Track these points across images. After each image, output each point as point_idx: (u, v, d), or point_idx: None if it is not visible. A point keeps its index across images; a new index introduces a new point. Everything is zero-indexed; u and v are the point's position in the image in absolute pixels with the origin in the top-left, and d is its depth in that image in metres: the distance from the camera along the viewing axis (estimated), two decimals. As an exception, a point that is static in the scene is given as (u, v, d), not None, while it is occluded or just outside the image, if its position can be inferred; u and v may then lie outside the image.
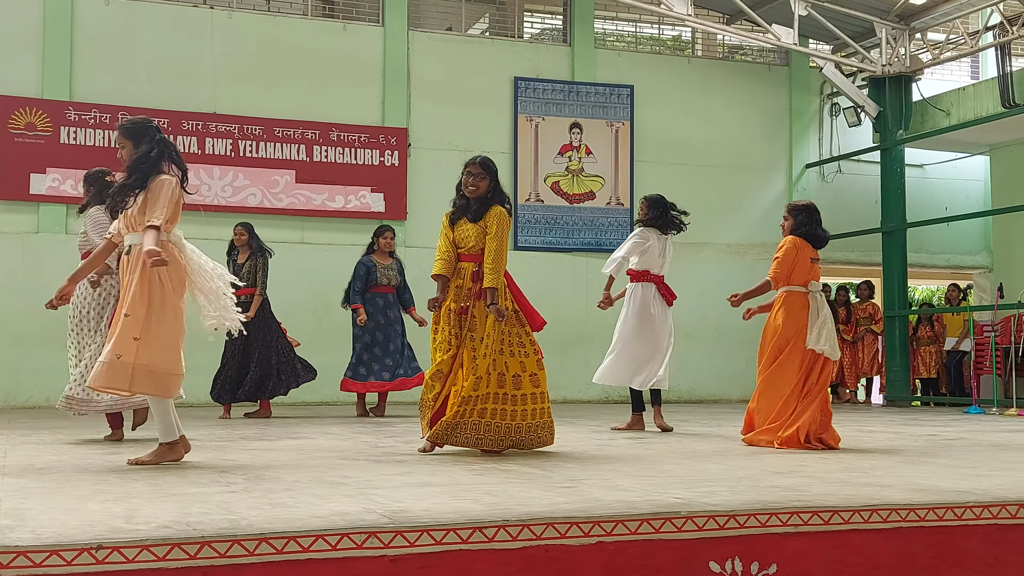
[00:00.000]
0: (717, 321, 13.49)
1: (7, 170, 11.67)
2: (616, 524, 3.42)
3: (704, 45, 15.48)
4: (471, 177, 5.89)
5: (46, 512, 3.41)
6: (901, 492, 4.14)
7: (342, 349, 10.33)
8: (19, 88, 11.84)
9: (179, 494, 3.92)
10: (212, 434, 7.34)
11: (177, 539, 2.94)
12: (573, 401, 13.43)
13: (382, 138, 13.05)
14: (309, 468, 4.98)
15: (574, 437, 7.30)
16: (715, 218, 14.42)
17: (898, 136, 14.07)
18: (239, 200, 12.41)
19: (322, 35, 13.10)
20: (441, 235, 5.98)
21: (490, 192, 5.90)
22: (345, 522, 3.22)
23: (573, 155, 13.95)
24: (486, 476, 4.65)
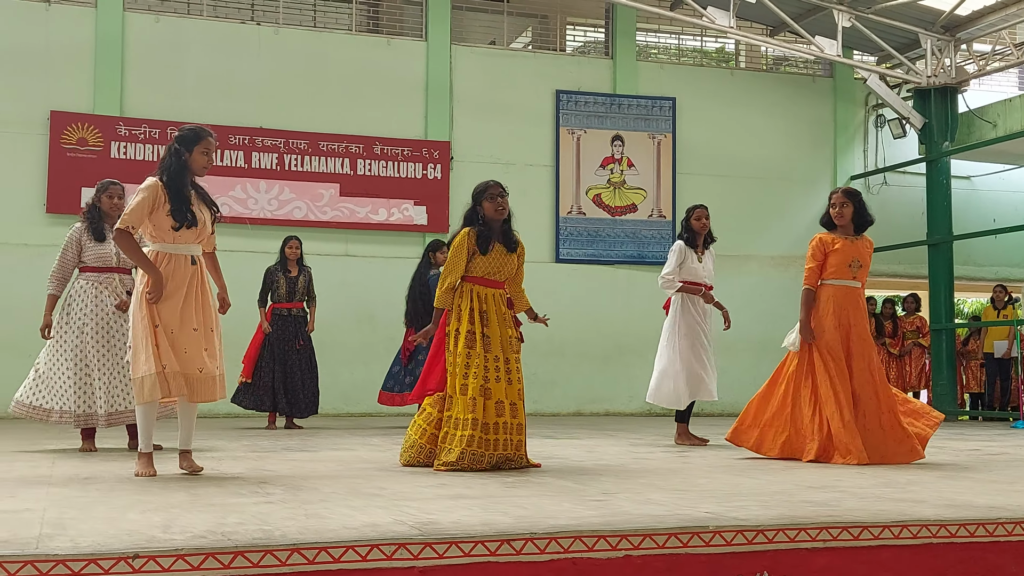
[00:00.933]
0: (760, 334, 13.41)
1: (60, 184, 11.93)
2: (644, 538, 3.45)
3: (747, 57, 15.45)
4: (499, 199, 5.78)
5: (86, 521, 3.51)
6: (934, 508, 4.12)
7: (385, 361, 10.41)
8: (72, 104, 12.11)
9: (217, 504, 4.01)
10: (255, 445, 7.46)
11: (211, 548, 3.02)
12: (615, 413, 13.42)
13: (425, 152, 13.17)
14: (346, 479, 5.05)
15: (613, 450, 7.32)
16: (758, 230, 14.38)
17: (944, 148, 13.95)
18: (285, 213, 12.58)
19: (366, 50, 13.26)
20: (458, 258, 5.71)
21: (509, 212, 5.89)
22: (376, 533, 3.28)
23: (615, 167, 13.98)
24: (519, 488, 4.70)
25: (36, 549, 2.94)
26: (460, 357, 5.60)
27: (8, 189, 11.84)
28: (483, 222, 5.79)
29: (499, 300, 5.78)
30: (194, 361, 5.03)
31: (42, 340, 6.84)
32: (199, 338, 5.07)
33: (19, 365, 11.52)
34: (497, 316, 5.72)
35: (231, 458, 6.27)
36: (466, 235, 5.74)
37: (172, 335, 5.00)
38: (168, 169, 5.09)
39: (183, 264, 5.08)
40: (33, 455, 6.43)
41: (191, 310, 5.06)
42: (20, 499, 4.17)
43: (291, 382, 9.64)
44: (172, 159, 5.09)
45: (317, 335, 10.02)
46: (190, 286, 5.08)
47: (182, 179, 5.09)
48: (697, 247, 8.13)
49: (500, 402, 5.57)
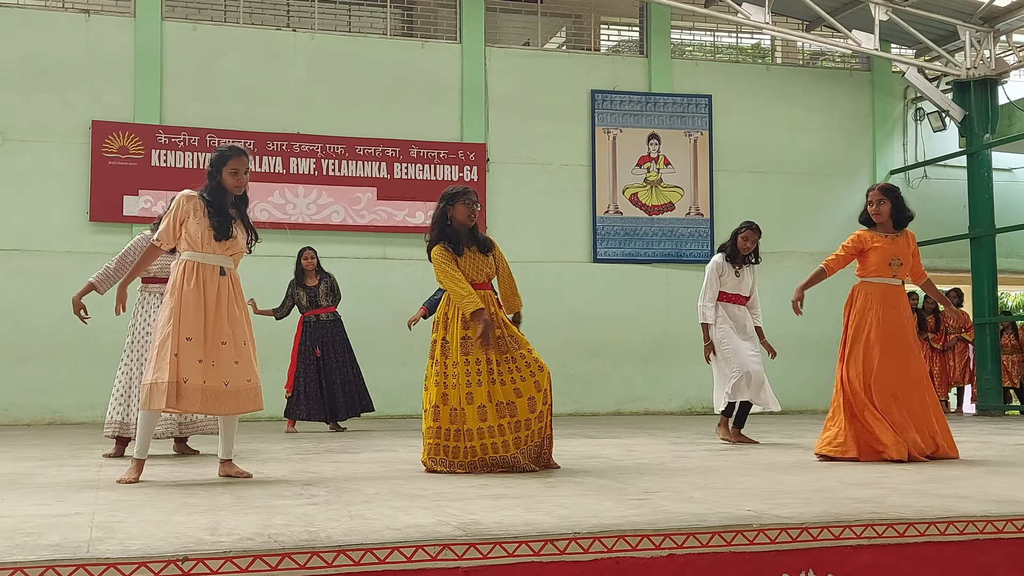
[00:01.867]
0: (802, 331, 13.32)
1: (102, 193, 12.09)
2: (687, 537, 3.45)
3: (784, 52, 15.37)
4: (473, 205, 5.77)
5: (135, 525, 3.56)
6: (979, 503, 4.09)
7: (424, 363, 10.41)
8: (112, 113, 12.27)
9: (262, 507, 4.05)
10: (298, 447, 7.52)
11: (259, 551, 3.06)
12: (656, 412, 13.40)
13: (461, 154, 13.21)
14: (388, 480, 5.09)
15: (653, 449, 7.32)
16: (797, 226, 14.29)
17: (985, 140, 13.79)
18: (323, 218, 12.67)
19: (401, 54, 13.32)
20: (451, 267, 5.63)
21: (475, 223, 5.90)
22: (420, 534, 3.31)
23: (651, 166, 13.95)
24: (560, 488, 4.71)
25: (88, 553, 2.99)
26: (438, 366, 5.59)
27: (52, 198, 12.02)
28: (450, 224, 5.76)
29: (490, 302, 5.70)
30: (221, 375, 5.06)
31: (81, 346, 7.00)
32: (229, 351, 5.09)
33: (64, 371, 11.74)
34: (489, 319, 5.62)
35: (274, 460, 6.34)
36: (441, 251, 5.67)
37: (198, 346, 5.02)
38: (207, 191, 5.26)
39: (212, 274, 5.14)
40: (81, 460, 6.52)
41: (221, 322, 5.10)
42: (70, 503, 4.24)
43: (330, 387, 9.69)
44: (208, 182, 5.26)
45: (357, 339, 10.08)
46: (219, 297, 5.12)
47: (220, 200, 5.22)
48: (737, 264, 8.07)
49: (482, 406, 5.46)
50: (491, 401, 5.49)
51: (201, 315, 5.04)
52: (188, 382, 4.96)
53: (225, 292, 5.15)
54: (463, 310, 5.56)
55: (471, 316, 5.54)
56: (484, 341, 5.48)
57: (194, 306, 5.03)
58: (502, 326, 5.66)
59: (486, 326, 5.50)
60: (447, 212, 5.77)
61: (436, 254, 5.70)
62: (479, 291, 5.67)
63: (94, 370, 11.71)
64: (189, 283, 5.07)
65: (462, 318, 5.59)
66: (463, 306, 5.55)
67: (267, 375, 9.78)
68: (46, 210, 11.98)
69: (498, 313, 5.72)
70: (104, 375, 11.62)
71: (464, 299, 5.54)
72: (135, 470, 5.11)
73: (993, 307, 13.87)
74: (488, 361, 5.52)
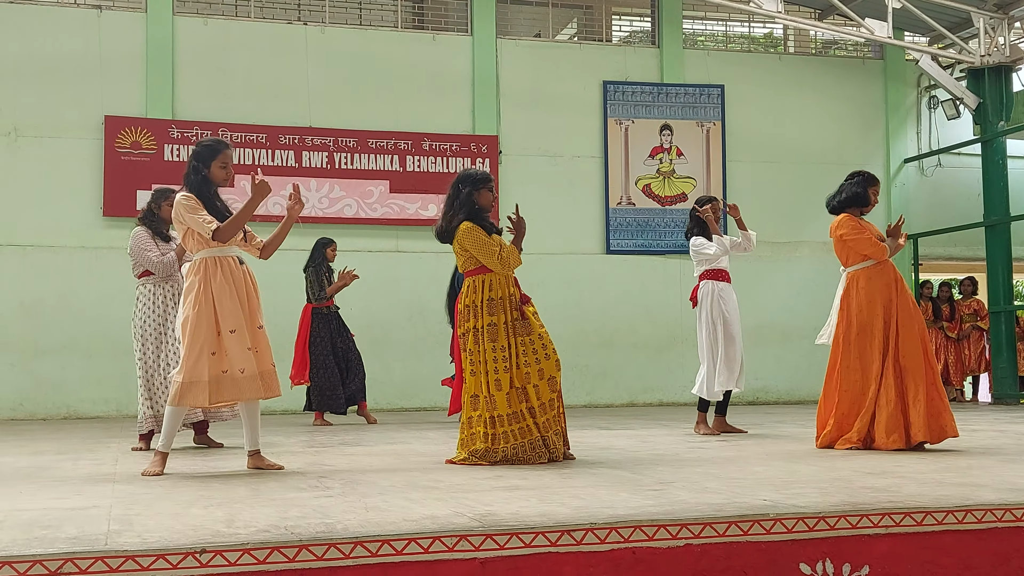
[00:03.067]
0: (815, 320, 13.26)
1: (115, 187, 12.12)
2: (704, 527, 3.45)
3: (796, 41, 15.30)
4: (490, 193, 5.81)
5: (152, 517, 3.58)
6: (996, 492, 4.07)
7: (437, 355, 10.48)
8: (125, 108, 12.28)
9: (278, 499, 4.06)
10: (312, 440, 7.54)
11: (276, 543, 3.07)
12: (669, 404, 13.38)
13: (473, 146, 13.20)
14: (403, 472, 5.10)
15: (668, 440, 7.31)
16: (811, 216, 14.20)
17: (999, 127, 13.71)
18: (335, 211, 12.68)
19: (412, 46, 13.30)
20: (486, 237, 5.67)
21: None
22: (436, 525, 3.31)
23: (664, 157, 13.92)
24: (575, 479, 4.71)
25: (106, 545, 3.00)
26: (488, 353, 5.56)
27: (65, 193, 12.05)
28: (479, 208, 5.78)
29: (505, 283, 5.69)
30: (235, 362, 5.11)
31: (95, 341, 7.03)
32: (242, 337, 5.13)
33: (79, 366, 11.79)
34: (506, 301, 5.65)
35: (289, 453, 6.35)
36: (471, 228, 5.68)
37: (243, 336, 5.11)
38: (192, 185, 5.25)
39: (233, 265, 5.21)
40: (97, 454, 6.55)
41: (254, 309, 5.22)
42: (87, 496, 4.26)
43: (342, 378, 9.72)
44: (192, 175, 5.26)
45: (370, 332, 10.11)
46: (246, 285, 5.21)
47: (207, 192, 5.25)
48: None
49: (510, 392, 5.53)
50: (514, 387, 5.54)
51: (238, 305, 5.12)
52: (228, 372, 5.06)
53: (247, 280, 5.24)
54: (515, 264, 5.67)
55: (516, 263, 5.68)
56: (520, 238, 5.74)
57: (229, 298, 5.10)
58: (519, 307, 5.68)
59: (517, 238, 5.74)
60: (473, 196, 5.76)
61: (469, 227, 5.68)
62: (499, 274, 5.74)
63: (108, 364, 11.77)
64: (216, 277, 5.11)
65: (488, 304, 5.61)
66: (514, 260, 5.66)
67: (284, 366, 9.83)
68: (59, 205, 12.01)
69: (516, 294, 5.71)
70: (118, 370, 11.71)
71: (510, 254, 5.66)
72: (159, 463, 5.13)
73: (1009, 295, 13.80)
74: (512, 346, 5.57)
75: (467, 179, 5.79)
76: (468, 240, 5.65)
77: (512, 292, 5.69)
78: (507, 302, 5.64)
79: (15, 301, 11.78)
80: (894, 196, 14.68)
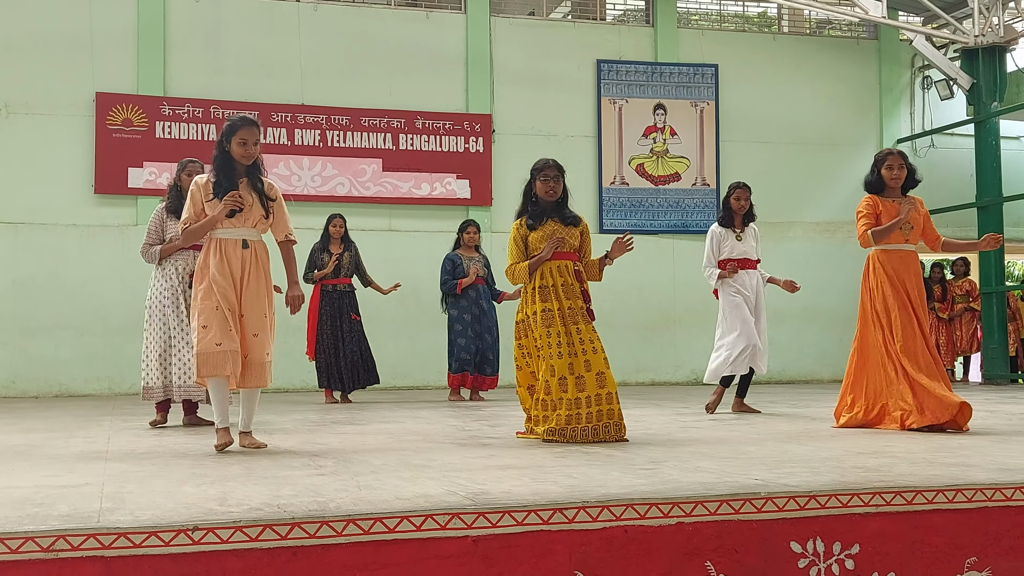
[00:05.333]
0: (807, 302, 13.32)
1: (106, 165, 12.07)
2: (695, 505, 3.46)
3: (790, 21, 15.26)
4: (551, 181, 5.83)
5: (145, 495, 3.58)
6: (987, 472, 4.09)
7: (431, 335, 10.50)
8: (116, 85, 12.23)
9: (270, 477, 4.07)
10: (305, 419, 7.54)
11: (269, 520, 3.07)
12: (661, 383, 13.42)
13: (466, 125, 13.17)
14: (396, 451, 5.10)
15: (660, 419, 7.33)
16: (804, 196, 14.26)
17: (992, 108, 13.71)
18: (328, 190, 12.65)
19: (405, 24, 13.25)
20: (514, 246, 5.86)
21: (565, 192, 5.94)
22: (429, 504, 3.32)
23: (658, 136, 13.90)
24: (567, 458, 4.72)
25: (98, 522, 3.00)
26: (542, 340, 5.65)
27: (57, 171, 12.01)
28: (535, 200, 5.89)
29: (565, 273, 5.78)
30: (242, 348, 5.16)
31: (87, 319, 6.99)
32: (249, 323, 5.18)
33: (71, 344, 11.78)
34: (562, 288, 5.73)
35: (282, 432, 6.35)
36: (519, 225, 5.87)
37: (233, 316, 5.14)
38: (214, 161, 5.31)
39: (235, 248, 5.21)
40: (89, 432, 6.54)
41: (241, 295, 5.20)
42: (79, 474, 4.25)
43: (347, 357, 9.71)
44: (216, 151, 5.30)
45: (364, 311, 10.07)
46: (243, 270, 5.20)
47: (226, 169, 5.26)
48: (735, 226, 8.01)
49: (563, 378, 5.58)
50: (572, 373, 5.60)
51: (231, 287, 5.15)
52: (223, 346, 5.08)
53: (248, 265, 5.22)
54: (521, 280, 5.81)
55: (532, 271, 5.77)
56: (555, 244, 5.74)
57: (223, 279, 5.14)
58: (574, 299, 5.75)
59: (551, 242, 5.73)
60: (532, 186, 5.91)
61: (512, 232, 5.90)
62: (556, 261, 5.79)
63: (100, 342, 11.77)
64: (214, 258, 5.18)
65: (539, 292, 5.72)
66: (520, 276, 5.79)
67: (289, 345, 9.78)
68: (51, 183, 11.97)
69: (575, 285, 5.79)
70: (110, 347, 11.72)
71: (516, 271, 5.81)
72: (224, 435, 5.20)
73: (1000, 276, 13.83)
74: (566, 333, 5.64)
75: (532, 169, 5.95)
76: (510, 237, 5.89)
77: (570, 282, 5.76)
78: (560, 290, 5.72)
79: (7, 279, 11.76)
80: (887, 176, 14.67)
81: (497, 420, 7.29)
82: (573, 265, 5.84)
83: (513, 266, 5.84)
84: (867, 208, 6.55)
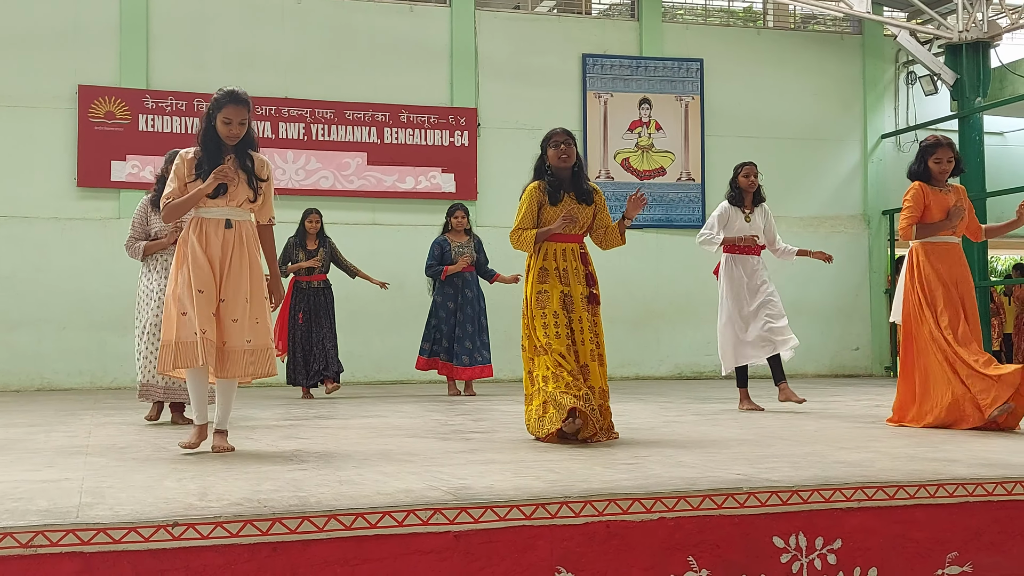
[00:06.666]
0: (793, 296, 13.32)
1: (89, 158, 12.00)
2: (678, 500, 3.46)
3: (775, 16, 15.27)
4: (562, 145, 5.59)
5: (125, 490, 3.55)
6: (968, 467, 4.10)
7: (415, 328, 10.45)
8: (98, 78, 12.14)
9: (251, 472, 4.05)
10: (288, 413, 7.52)
11: (249, 516, 3.05)
12: (645, 377, 13.43)
13: (451, 119, 13.13)
14: (378, 446, 5.09)
15: (643, 414, 7.33)
16: (788, 191, 14.25)
17: (976, 104, 13.75)
18: (312, 183, 12.60)
19: (390, 17, 13.20)
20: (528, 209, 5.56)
21: (578, 160, 5.70)
22: (410, 499, 3.31)
23: (643, 131, 13.89)
24: (550, 453, 4.71)
25: (77, 518, 2.98)
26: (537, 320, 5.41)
27: (39, 164, 11.92)
28: (551, 172, 5.64)
29: (570, 256, 5.54)
30: (220, 334, 4.77)
31: (70, 312, 6.87)
32: (227, 309, 4.79)
33: (53, 337, 11.71)
34: (564, 273, 5.49)
35: (264, 427, 6.33)
36: (535, 187, 5.61)
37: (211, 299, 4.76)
38: (199, 136, 5.01)
39: (217, 227, 4.85)
40: (70, 426, 6.50)
41: (222, 278, 4.82)
42: (59, 469, 4.23)
43: (315, 352, 9.66)
44: (203, 124, 5.00)
45: (348, 304, 10.04)
46: (224, 251, 4.83)
47: (210, 144, 4.94)
48: (745, 206, 7.91)
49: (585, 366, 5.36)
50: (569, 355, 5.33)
51: (209, 269, 4.78)
52: (207, 333, 4.69)
53: (231, 246, 4.84)
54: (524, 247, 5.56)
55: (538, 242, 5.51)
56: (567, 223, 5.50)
57: (201, 259, 4.77)
58: (581, 283, 5.52)
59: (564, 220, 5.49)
60: (544, 160, 5.68)
61: (525, 193, 5.63)
62: (565, 244, 5.54)
63: (83, 336, 11.70)
64: (193, 237, 4.82)
65: (538, 273, 5.49)
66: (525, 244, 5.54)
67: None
68: (33, 176, 11.89)
69: (579, 268, 5.55)
70: (93, 342, 11.66)
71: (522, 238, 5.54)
72: (196, 434, 4.89)
73: (984, 271, 13.89)
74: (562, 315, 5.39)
75: (542, 141, 5.73)
76: (523, 197, 5.63)
77: (574, 266, 5.53)
78: (561, 274, 5.48)
79: (-12, 272, 11.68)
80: (871, 172, 14.74)
81: (481, 415, 7.28)
82: (580, 248, 5.61)
83: (521, 231, 5.54)
84: (914, 200, 6.25)
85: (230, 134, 4.95)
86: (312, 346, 9.67)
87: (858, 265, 14.37)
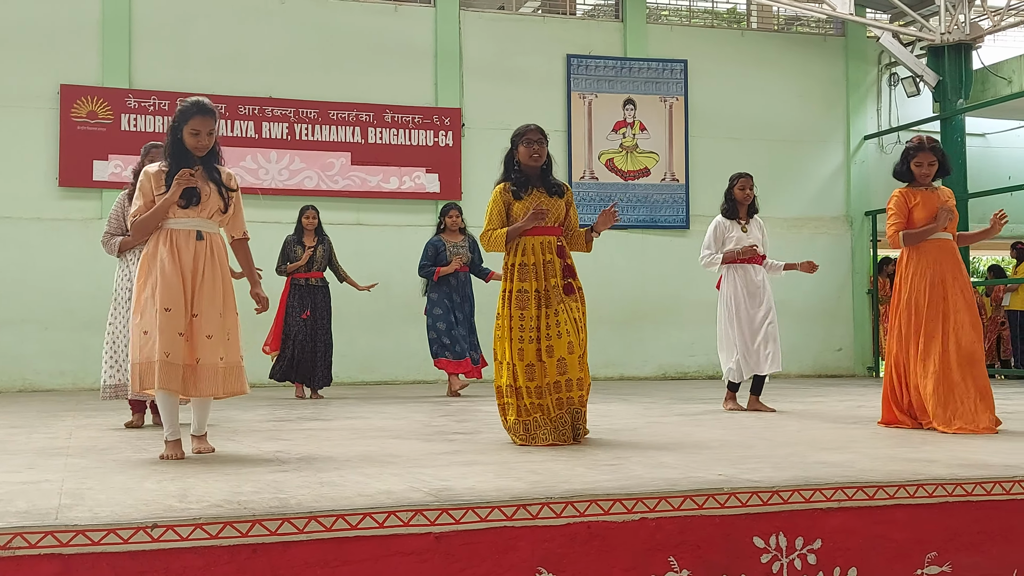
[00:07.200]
0: (776, 297, 13.34)
1: (71, 158, 11.94)
2: (659, 501, 3.46)
3: (759, 17, 15.32)
4: (535, 145, 5.49)
5: (104, 492, 3.54)
6: (948, 467, 4.12)
7: (401, 330, 10.46)
8: (80, 77, 12.09)
9: (232, 473, 4.04)
10: (271, 414, 7.50)
11: (229, 517, 3.05)
12: (630, 378, 13.45)
13: (436, 119, 13.13)
14: (360, 448, 5.08)
15: (626, 415, 7.34)
16: (772, 192, 14.27)
17: (959, 105, 13.83)
18: (296, 183, 12.58)
19: (374, 17, 13.18)
20: (494, 213, 5.47)
21: (549, 158, 5.64)
22: (391, 500, 3.30)
23: (627, 132, 13.91)
24: (532, 454, 4.72)
25: (56, 520, 2.97)
26: (514, 320, 5.30)
27: (21, 164, 11.86)
28: (518, 168, 5.54)
29: (546, 248, 5.42)
30: (192, 351, 4.62)
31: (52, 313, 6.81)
32: (200, 324, 4.63)
33: (35, 338, 11.65)
34: (542, 267, 5.38)
35: (246, 428, 6.31)
36: (501, 188, 5.53)
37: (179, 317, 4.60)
38: (166, 149, 4.86)
39: (187, 239, 4.70)
40: (51, 427, 6.47)
41: (194, 292, 4.66)
42: (39, 470, 4.21)
43: (313, 353, 9.65)
44: (169, 137, 4.83)
45: (333, 304, 10.00)
46: (196, 264, 4.69)
47: (178, 156, 4.78)
48: (740, 218, 7.90)
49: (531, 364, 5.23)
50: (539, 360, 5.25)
51: (179, 284, 4.63)
52: (170, 357, 4.54)
53: (203, 259, 4.71)
54: (496, 248, 5.45)
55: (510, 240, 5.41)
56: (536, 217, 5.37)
57: (172, 275, 4.62)
58: (556, 276, 5.39)
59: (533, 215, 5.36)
60: (514, 156, 5.59)
61: (492, 194, 5.54)
62: (540, 237, 5.42)
63: (65, 337, 11.64)
64: (163, 251, 4.66)
65: (518, 270, 5.38)
66: (496, 244, 5.43)
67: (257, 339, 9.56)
68: (15, 176, 11.82)
69: (555, 261, 5.42)
70: (75, 342, 11.59)
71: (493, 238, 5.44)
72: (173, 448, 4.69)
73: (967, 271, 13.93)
74: (536, 318, 5.28)
75: (513, 136, 5.63)
76: (490, 200, 5.53)
77: (551, 259, 5.40)
78: (540, 268, 5.37)
79: (-31, 272, 11.61)
80: (854, 173, 14.80)
81: (464, 415, 7.27)
82: (556, 240, 5.48)
83: (490, 232, 5.46)
84: (897, 206, 6.20)
85: (198, 145, 4.78)
86: (317, 348, 9.65)
87: (841, 266, 14.42)
